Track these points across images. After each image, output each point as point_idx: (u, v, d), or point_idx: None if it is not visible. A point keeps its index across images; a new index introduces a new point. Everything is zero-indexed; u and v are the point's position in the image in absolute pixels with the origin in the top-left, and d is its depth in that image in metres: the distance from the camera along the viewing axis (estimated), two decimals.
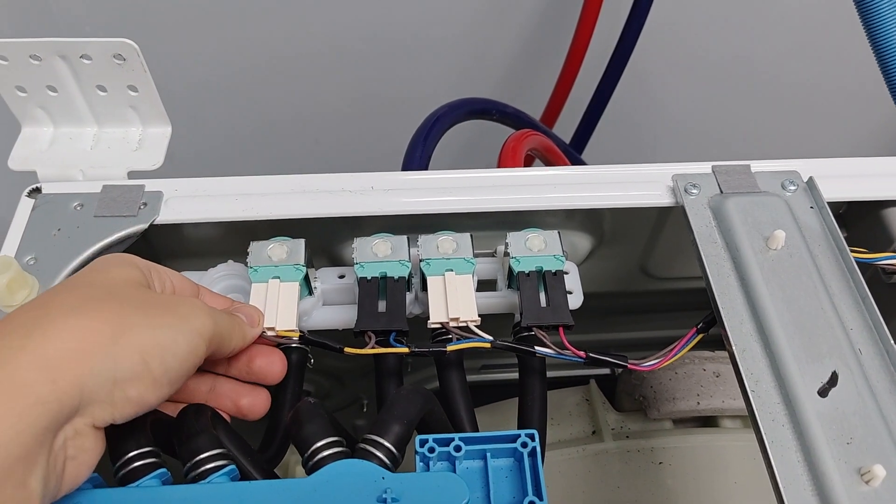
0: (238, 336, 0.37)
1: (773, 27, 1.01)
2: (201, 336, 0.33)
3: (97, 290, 0.32)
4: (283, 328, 0.39)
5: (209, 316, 0.34)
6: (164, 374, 0.31)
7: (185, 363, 0.32)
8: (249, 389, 0.39)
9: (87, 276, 0.34)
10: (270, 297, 0.40)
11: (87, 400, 0.29)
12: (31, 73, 0.43)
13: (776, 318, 0.38)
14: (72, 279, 0.33)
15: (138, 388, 0.30)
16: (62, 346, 0.28)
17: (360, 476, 0.32)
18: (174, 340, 0.32)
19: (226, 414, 0.38)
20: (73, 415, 0.28)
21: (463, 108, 0.69)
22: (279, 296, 0.40)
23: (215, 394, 0.38)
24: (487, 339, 0.40)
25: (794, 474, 0.33)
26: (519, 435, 0.34)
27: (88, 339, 0.29)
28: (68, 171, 0.46)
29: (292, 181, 0.45)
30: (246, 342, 0.38)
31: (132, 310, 0.31)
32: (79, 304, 0.30)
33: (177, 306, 0.33)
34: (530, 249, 0.43)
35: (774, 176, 0.46)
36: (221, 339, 0.35)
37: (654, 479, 0.54)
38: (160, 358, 0.31)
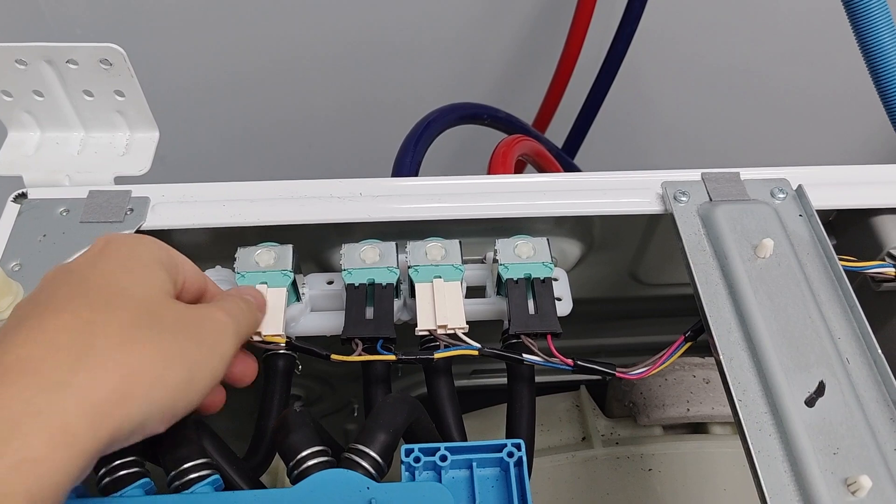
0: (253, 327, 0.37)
1: (765, 34, 1.01)
2: (224, 361, 0.33)
3: (138, 312, 0.30)
4: (270, 333, 0.39)
5: (235, 334, 0.34)
6: (184, 409, 0.31)
7: (204, 394, 0.32)
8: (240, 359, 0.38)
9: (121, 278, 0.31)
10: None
11: (120, 440, 0.28)
12: (17, 77, 0.43)
13: (764, 326, 0.38)
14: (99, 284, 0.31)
15: (157, 425, 0.30)
16: (107, 389, 0.27)
17: (345, 486, 0.32)
18: (202, 375, 0.31)
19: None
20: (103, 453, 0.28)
21: (454, 112, 0.69)
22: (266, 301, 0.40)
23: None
24: (475, 347, 0.40)
25: (780, 484, 0.33)
26: (505, 444, 0.34)
27: (131, 382, 0.28)
28: (55, 177, 0.45)
29: (280, 187, 0.45)
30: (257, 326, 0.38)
31: (170, 342, 0.30)
32: (123, 334, 0.29)
33: (207, 333, 0.32)
34: (519, 256, 0.43)
35: (764, 184, 0.46)
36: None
37: (644, 485, 0.54)
38: (187, 398, 0.30)
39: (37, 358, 0.26)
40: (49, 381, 0.26)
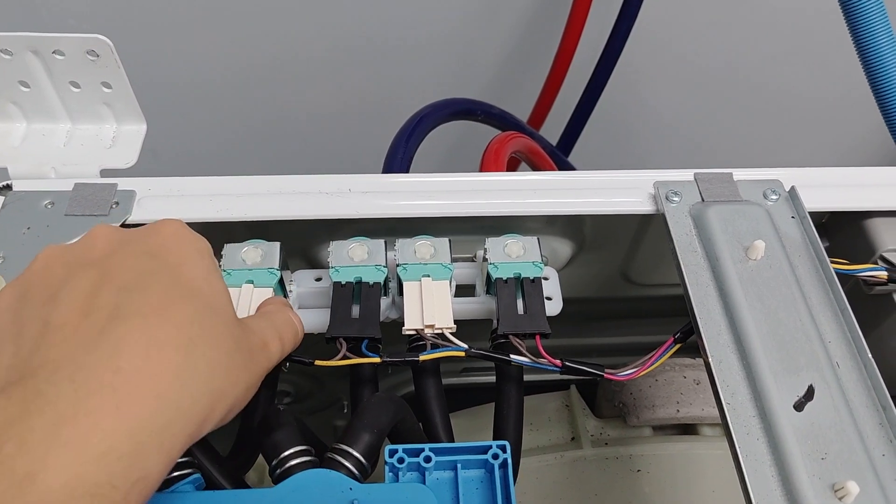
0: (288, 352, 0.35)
1: (761, 35, 1.01)
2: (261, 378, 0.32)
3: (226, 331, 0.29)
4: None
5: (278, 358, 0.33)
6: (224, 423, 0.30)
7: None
8: None
9: (202, 285, 0.29)
10: (242, 303, 0.39)
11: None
12: (2, 67, 0.43)
13: (754, 329, 0.37)
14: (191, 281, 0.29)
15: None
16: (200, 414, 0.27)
17: (327, 486, 0.31)
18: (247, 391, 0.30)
19: None
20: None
21: (447, 108, 0.69)
22: (251, 302, 0.39)
23: None
24: (462, 348, 0.39)
25: (767, 488, 0.32)
26: (490, 446, 0.33)
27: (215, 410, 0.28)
28: (40, 169, 0.45)
29: (268, 182, 0.45)
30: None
31: (239, 369, 0.29)
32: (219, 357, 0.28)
33: (262, 358, 0.32)
34: (509, 255, 0.43)
35: (756, 185, 0.45)
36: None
37: (632, 486, 0.54)
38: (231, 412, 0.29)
39: (152, 373, 0.25)
40: (164, 401, 0.25)
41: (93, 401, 0.24)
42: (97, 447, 0.23)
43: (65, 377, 0.24)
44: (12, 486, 0.21)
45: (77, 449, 0.23)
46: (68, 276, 0.28)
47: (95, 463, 0.23)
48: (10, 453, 0.22)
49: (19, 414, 0.23)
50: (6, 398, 0.23)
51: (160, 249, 0.30)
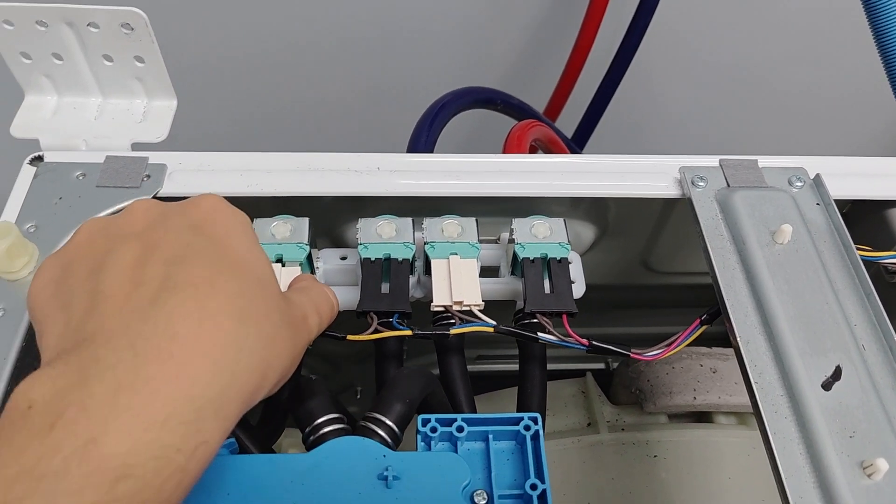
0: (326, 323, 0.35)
1: (778, 29, 1.01)
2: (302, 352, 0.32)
3: (273, 303, 0.29)
4: None
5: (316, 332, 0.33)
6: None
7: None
8: None
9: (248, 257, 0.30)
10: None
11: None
12: (37, 39, 0.43)
13: (781, 311, 0.38)
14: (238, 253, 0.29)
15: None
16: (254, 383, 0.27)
17: (361, 453, 0.32)
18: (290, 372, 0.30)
19: None
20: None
21: (468, 96, 0.69)
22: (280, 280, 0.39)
23: None
24: (490, 324, 0.40)
25: (796, 466, 0.33)
26: (522, 418, 0.34)
27: (266, 380, 0.28)
28: (71, 141, 0.45)
29: (298, 159, 0.45)
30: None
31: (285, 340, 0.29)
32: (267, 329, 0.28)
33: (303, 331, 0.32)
34: (535, 236, 0.43)
35: (781, 172, 0.46)
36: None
37: (649, 471, 0.54)
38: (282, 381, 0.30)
39: (208, 341, 0.25)
40: (221, 368, 0.25)
41: (152, 367, 0.24)
42: (159, 413, 0.23)
43: (123, 345, 0.24)
44: (77, 450, 0.22)
45: (139, 414, 0.23)
46: (112, 248, 0.28)
47: (158, 428, 0.23)
48: (73, 418, 0.22)
49: (79, 380, 0.23)
50: (64, 364, 0.24)
51: (202, 223, 0.30)
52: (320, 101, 1.03)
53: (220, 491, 0.30)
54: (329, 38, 0.96)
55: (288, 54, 0.97)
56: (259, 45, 0.95)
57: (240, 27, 0.93)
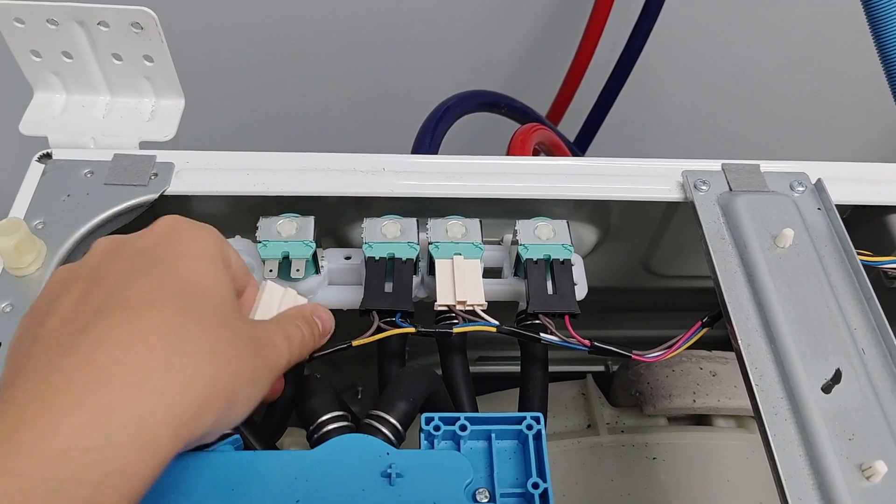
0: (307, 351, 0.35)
1: (781, 35, 1.01)
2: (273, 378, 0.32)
3: (220, 319, 0.29)
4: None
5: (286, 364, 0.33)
6: (228, 425, 0.30)
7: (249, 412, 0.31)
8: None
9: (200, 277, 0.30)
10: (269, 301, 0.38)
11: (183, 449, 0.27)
12: (47, 37, 0.43)
13: (782, 314, 0.38)
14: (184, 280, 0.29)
15: (209, 439, 0.30)
16: (193, 401, 0.26)
17: (365, 450, 0.32)
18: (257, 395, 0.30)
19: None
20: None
21: (473, 99, 0.69)
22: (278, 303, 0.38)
23: None
24: (493, 324, 0.40)
25: (795, 468, 0.33)
26: (524, 417, 0.34)
27: (211, 398, 0.27)
28: (80, 139, 0.45)
29: (304, 159, 0.45)
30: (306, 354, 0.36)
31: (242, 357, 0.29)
32: (210, 343, 0.28)
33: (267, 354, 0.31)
34: (539, 237, 0.44)
35: (783, 177, 0.46)
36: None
37: (648, 473, 0.54)
38: (238, 415, 0.29)
39: (131, 363, 0.25)
40: (143, 390, 0.25)
41: (59, 399, 0.23)
42: (56, 444, 0.23)
43: (38, 381, 0.24)
44: None
45: (33, 449, 0.22)
46: (63, 291, 0.29)
47: (52, 461, 0.22)
48: None
49: None
50: None
51: (154, 245, 0.30)
52: (326, 102, 1.04)
53: (224, 487, 0.31)
54: (336, 40, 0.96)
55: (295, 55, 0.97)
56: (266, 46, 0.96)
57: (247, 27, 0.93)
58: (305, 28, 0.94)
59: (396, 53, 0.99)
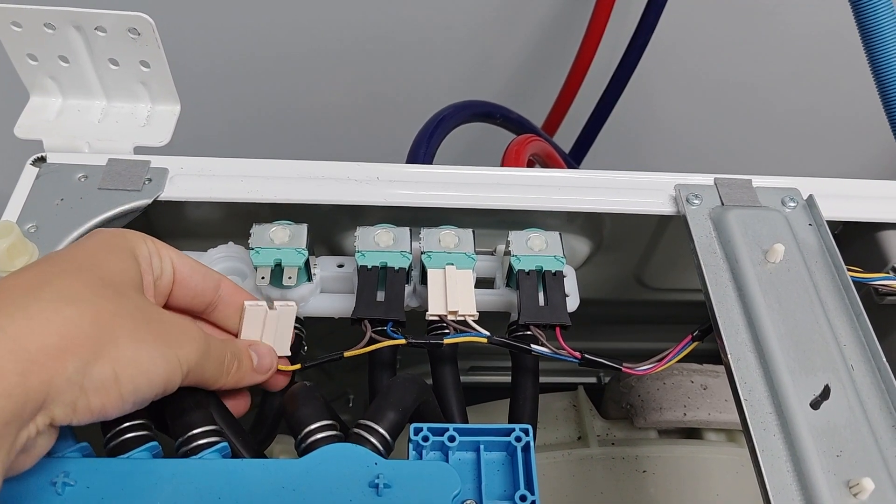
0: (232, 378, 0.36)
1: (776, 51, 1.02)
2: (183, 365, 0.32)
3: (96, 284, 0.30)
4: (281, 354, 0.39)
5: (199, 349, 0.33)
6: (132, 394, 0.30)
7: (155, 389, 0.31)
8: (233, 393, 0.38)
9: (89, 257, 0.32)
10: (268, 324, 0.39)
11: (51, 400, 0.27)
12: (44, 41, 0.43)
13: (772, 329, 0.38)
14: (73, 255, 0.32)
15: (102, 400, 0.29)
16: (43, 341, 0.27)
17: (353, 460, 0.32)
18: (153, 364, 0.30)
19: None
20: (35, 412, 0.27)
21: (468, 109, 0.70)
22: (278, 322, 0.39)
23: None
24: (484, 335, 0.40)
25: (783, 483, 0.33)
26: (513, 429, 0.34)
27: (70, 338, 0.28)
28: (74, 143, 0.45)
29: (298, 167, 0.45)
30: (241, 384, 0.37)
31: (123, 319, 0.30)
32: (74, 295, 0.29)
33: (169, 329, 0.32)
34: (531, 248, 0.44)
35: (775, 192, 0.46)
36: (206, 375, 0.34)
37: (638, 486, 0.54)
38: (132, 378, 0.30)
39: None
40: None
41: None
42: None
43: None
44: None
45: None
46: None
47: None
48: None
49: None
50: None
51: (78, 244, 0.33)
52: (322, 109, 1.04)
53: (211, 496, 0.31)
54: (332, 48, 0.97)
55: (291, 62, 0.98)
56: (263, 53, 0.96)
57: (244, 34, 0.94)
58: (302, 36, 0.95)
59: (393, 62, 0.99)
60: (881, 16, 0.52)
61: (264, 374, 0.38)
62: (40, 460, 0.30)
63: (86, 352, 0.28)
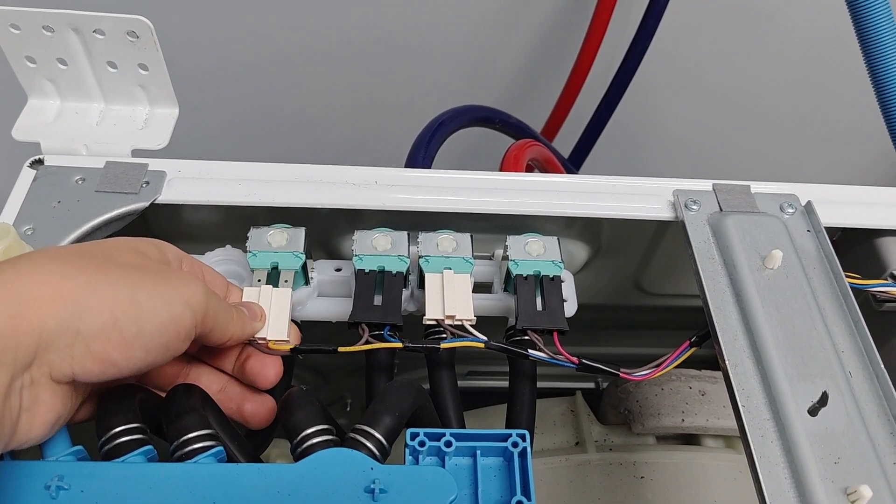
0: (237, 324, 0.36)
1: (776, 57, 1.02)
2: (188, 305, 0.31)
3: (88, 247, 0.31)
4: (275, 337, 0.39)
5: (203, 291, 0.33)
6: (137, 337, 0.29)
7: (164, 329, 0.30)
8: (256, 395, 0.38)
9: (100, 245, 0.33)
10: (262, 304, 0.39)
11: (46, 345, 0.27)
12: (43, 44, 0.43)
13: (770, 335, 0.38)
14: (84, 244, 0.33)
15: (104, 345, 0.29)
16: (30, 286, 0.27)
17: (349, 465, 0.32)
18: (153, 304, 0.30)
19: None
20: (29, 360, 0.27)
21: (467, 114, 0.70)
22: (271, 302, 0.39)
23: (224, 394, 0.38)
24: (482, 339, 0.40)
25: (781, 490, 0.33)
26: (510, 434, 0.34)
27: (58, 285, 0.28)
28: (72, 145, 0.45)
29: (296, 170, 0.45)
30: (245, 333, 0.37)
31: (115, 267, 0.30)
32: (63, 254, 0.30)
33: (168, 275, 0.32)
34: (529, 253, 0.44)
35: (773, 198, 0.46)
36: (216, 319, 0.34)
37: (636, 492, 0.54)
38: (133, 320, 0.29)
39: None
40: None
41: None
42: None
43: None
44: None
45: None
46: None
47: None
48: None
49: None
50: None
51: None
52: (321, 113, 1.04)
53: (206, 500, 0.30)
54: (332, 51, 0.97)
55: (290, 66, 0.98)
56: (262, 56, 0.96)
57: (243, 37, 0.94)
58: (301, 38, 0.95)
59: (392, 66, 0.99)
60: (879, 22, 0.52)
61: (259, 319, 0.38)
62: (35, 463, 0.30)
63: (79, 297, 0.28)
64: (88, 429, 0.34)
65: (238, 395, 0.38)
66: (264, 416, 0.38)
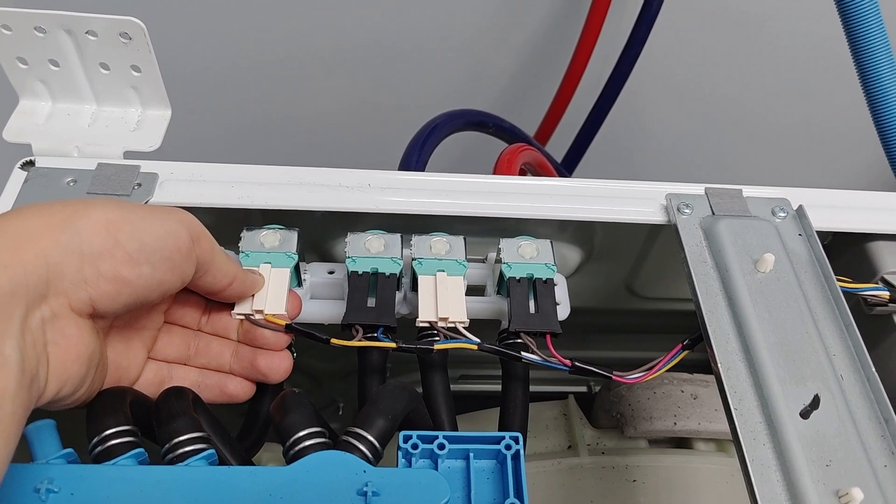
0: (237, 267, 0.37)
1: (767, 63, 1.03)
2: (181, 222, 0.33)
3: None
4: (272, 312, 0.39)
5: (192, 216, 0.34)
6: (139, 251, 0.30)
7: (163, 243, 0.31)
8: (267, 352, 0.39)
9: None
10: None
11: (56, 274, 0.28)
12: (34, 45, 0.43)
13: (762, 339, 0.38)
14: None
15: (110, 262, 0.30)
16: (23, 224, 0.28)
17: (342, 468, 0.32)
18: (145, 221, 0.31)
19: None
20: (42, 289, 0.28)
21: (461, 118, 0.70)
22: (269, 279, 0.40)
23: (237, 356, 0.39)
24: (475, 341, 0.40)
25: (773, 493, 0.33)
26: (503, 437, 0.34)
27: (49, 216, 0.29)
28: (64, 147, 0.45)
29: (290, 173, 0.45)
30: (246, 278, 0.38)
31: (101, 202, 0.31)
32: (44, 202, 0.30)
33: (160, 207, 0.33)
34: (522, 256, 0.44)
35: (765, 202, 0.46)
36: (213, 252, 0.35)
37: (628, 496, 0.54)
38: (130, 233, 0.30)
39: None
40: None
41: None
42: None
43: None
44: None
45: None
46: None
47: None
48: None
49: None
50: None
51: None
52: (314, 116, 1.04)
53: (198, 503, 0.30)
54: (326, 54, 0.97)
55: (283, 68, 0.97)
56: (255, 58, 0.96)
57: (237, 39, 0.94)
58: (295, 42, 0.95)
59: (386, 70, 0.99)
60: (870, 29, 0.52)
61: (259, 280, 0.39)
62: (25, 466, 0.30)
63: (72, 221, 0.29)
64: (79, 432, 0.33)
65: (249, 352, 0.39)
66: (280, 366, 0.39)
